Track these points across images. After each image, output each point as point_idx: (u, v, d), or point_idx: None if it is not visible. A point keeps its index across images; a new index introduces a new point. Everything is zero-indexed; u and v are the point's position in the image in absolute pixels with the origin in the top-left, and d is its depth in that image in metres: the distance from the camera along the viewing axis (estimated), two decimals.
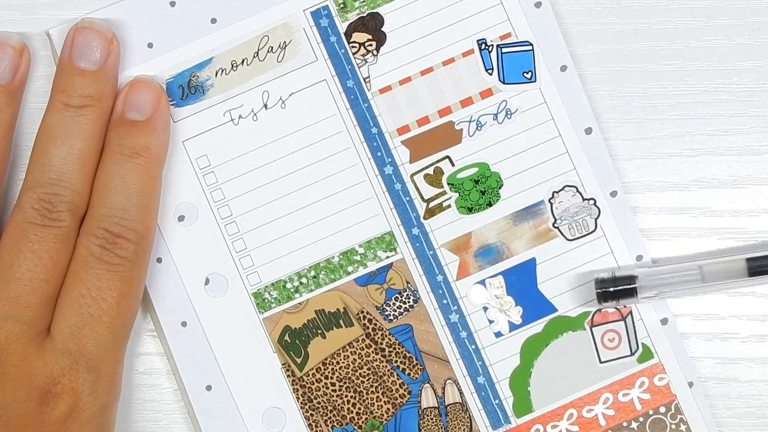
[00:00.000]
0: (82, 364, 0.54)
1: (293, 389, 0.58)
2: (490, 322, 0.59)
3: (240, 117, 0.58)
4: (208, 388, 0.58)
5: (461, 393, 0.59)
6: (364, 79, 0.59)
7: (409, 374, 0.59)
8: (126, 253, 0.55)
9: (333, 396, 0.58)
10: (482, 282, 0.59)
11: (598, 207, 0.59)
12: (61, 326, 0.54)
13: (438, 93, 0.59)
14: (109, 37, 0.56)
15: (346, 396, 0.58)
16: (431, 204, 0.59)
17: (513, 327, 0.59)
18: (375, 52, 0.59)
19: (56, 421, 0.53)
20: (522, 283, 0.59)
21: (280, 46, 0.58)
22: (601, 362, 0.58)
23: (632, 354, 0.58)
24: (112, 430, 0.56)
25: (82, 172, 0.55)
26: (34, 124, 0.57)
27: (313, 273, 0.58)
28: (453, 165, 0.59)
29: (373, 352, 0.59)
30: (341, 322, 0.59)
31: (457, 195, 0.59)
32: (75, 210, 0.55)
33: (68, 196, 0.55)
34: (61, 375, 0.54)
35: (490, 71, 0.59)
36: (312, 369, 0.58)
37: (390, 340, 0.59)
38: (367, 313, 0.59)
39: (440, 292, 0.59)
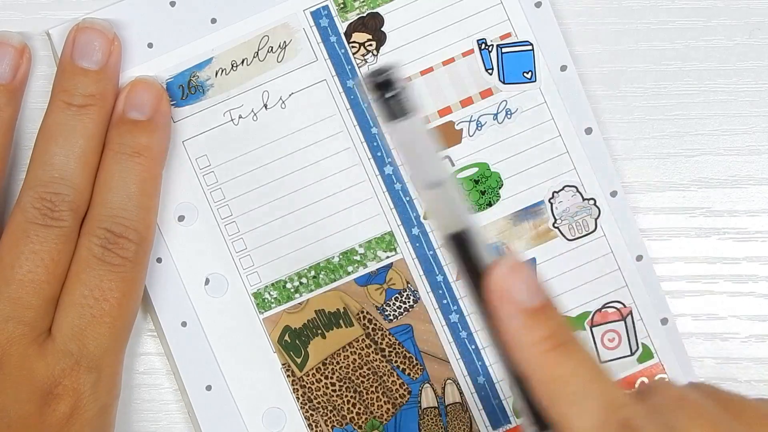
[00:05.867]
0: (83, 364, 0.54)
1: (293, 389, 0.58)
2: None
3: (240, 117, 0.58)
4: (208, 388, 0.58)
5: (461, 393, 0.59)
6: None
7: (409, 374, 0.59)
8: (127, 254, 0.54)
9: (333, 396, 0.58)
10: None
11: (598, 207, 0.59)
12: (62, 327, 0.54)
13: (438, 93, 0.59)
14: (110, 37, 0.56)
15: (346, 396, 0.58)
16: None
17: None
18: (375, 52, 0.59)
19: (57, 422, 0.53)
20: None
21: (280, 46, 0.58)
22: (601, 362, 0.58)
23: (632, 354, 0.58)
24: (112, 430, 0.56)
25: (84, 171, 0.55)
26: (34, 124, 0.57)
27: (313, 273, 0.58)
28: (453, 165, 0.59)
29: (373, 352, 0.59)
30: (341, 322, 0.59)
31: None
32: (76, 209, 0.55)
33: (70, 195, 0.54)
34: (62, 376, 0.53)
35: (490, 71, 0.59)
36: (312, 369, 0.58)
37: (390, 340, 0.59)
38: (367, 313, 0.59)
39: (440, 292, 0.59)
